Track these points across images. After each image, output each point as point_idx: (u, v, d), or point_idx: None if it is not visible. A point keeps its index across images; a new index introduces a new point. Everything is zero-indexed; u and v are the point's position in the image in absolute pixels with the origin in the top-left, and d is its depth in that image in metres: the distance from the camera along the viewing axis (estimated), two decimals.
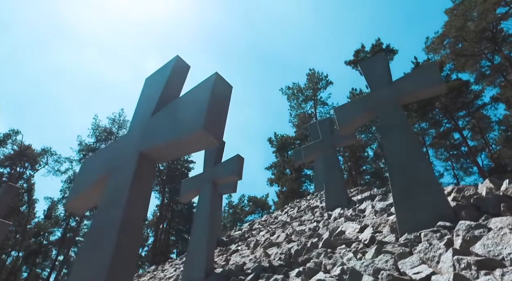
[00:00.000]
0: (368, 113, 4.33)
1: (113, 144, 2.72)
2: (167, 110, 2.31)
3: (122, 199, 2.04)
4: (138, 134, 2.45)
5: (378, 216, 4.20)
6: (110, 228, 1.94)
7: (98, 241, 1.95)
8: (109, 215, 2.03)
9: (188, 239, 39.19)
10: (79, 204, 2.67)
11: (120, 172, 2.28)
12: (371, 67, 4.66)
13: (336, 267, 3.03)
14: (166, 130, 2.16)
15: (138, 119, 2.65)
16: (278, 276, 3.36)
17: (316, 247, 4.00)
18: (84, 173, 2.76)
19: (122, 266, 1.84)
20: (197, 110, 2.01)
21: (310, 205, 7.41)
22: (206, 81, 2.14)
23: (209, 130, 1.94)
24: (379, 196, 5.34)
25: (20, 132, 30.44)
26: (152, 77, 3.00)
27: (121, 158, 2.40)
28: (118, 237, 1.86)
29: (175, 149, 2.17)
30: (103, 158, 2.66)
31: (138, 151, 2.29)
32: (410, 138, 3.74)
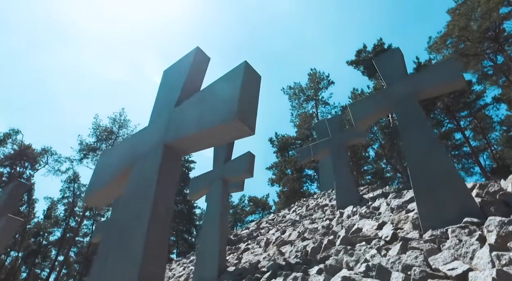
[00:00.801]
0: (385, 108, 4.26)
1: (133, 137, 2.64)
2: (193, 100, 2.24)
3: (149, 191, 1.96)
4: (161, 126, 2.38)
5: (395, 213, 4.12)
6: (139, 220, 1.87)
7: (126, 233, 1.88)
8: (137, 207, 1.95)
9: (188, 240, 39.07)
10: (100, 198, 2.59)
11: (144, 164, 2.20)
12: (386, 62, 4.60)
13: (360, 264, 2.96)
14: (194, 121, 2.09)
15: (160, 111, 2.57)
16: (297, 274, 3.29)
17: (333, 244, 3.92)
18: (104, 167, 2.68)
19: (154, 258, 1.76)
20: (228, 99, 1.93)
21: (319, 203, 7.33)
22: (235, 70, 2.07)
23: (243, 120, 1.86)
24: (393, 193, 5.28)
25: (20, 132, 30.32)
26: (172, 69, 2.93)
27: (144, 150, 2.32)
28: (149, 229, 1.79)
29: (203, 140, 2.10)
30: (124, 151, 2.58)
31: (162, 142, 2.22)
32: (429, 133, 3.67)
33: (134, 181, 2.17)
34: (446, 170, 3.29)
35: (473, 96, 25.42)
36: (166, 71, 3.02)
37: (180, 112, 2.31)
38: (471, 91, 24.87)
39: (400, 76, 4.31)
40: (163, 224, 1.92)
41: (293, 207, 8.57)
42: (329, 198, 7.50)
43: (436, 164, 3.39)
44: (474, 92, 25.28)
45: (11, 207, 4.35)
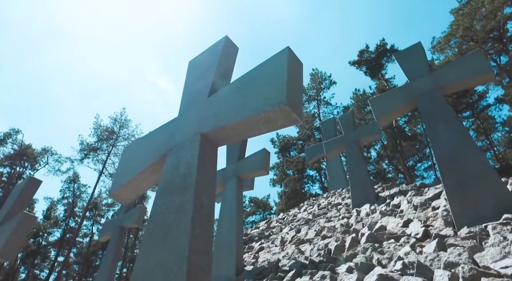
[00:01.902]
0: (408, 103, 4.17)
1: (163, 128, 2.53)
2: (231, 88, 2.13)
3: (190, 182, 1.86)
4: (194, 116, 2.27)
5: (419, 211, 4.03)
6: (181, 212, 1.76)
7: (168, 226, 1.77)
8: (177, 200, 1.84)
9: None
10: (127, 193, 2.47)
11: (180, 155, 2.09)
12: (407, 56, 4.50)
13: (394, 262, 2.86)
14: (234, 109, 1.98)
15: (191, 101, 2.46)
16: (325, 272, 3.18)
17: (358, 242, 3.82)
18: (130, 160, 2.57)
19: (201, 253, 1.65)
20: (275, 84, 1.83)
21: (331, 202, 7.23)
22: (279, 55, 1.96)
23: (292, 106, 1.76)
24: (412, 191, 5.18)
25: (20, 131, 30.15)
26: (199, 59, 2.83)
27: (178, 141, 2.22)
28: (193, 222, 1.68)
29: (243, 129, 1.99)
30: (153, 143, 2.47)
31: (199, 133, 2.11)
32: (459, 127, 3.57)
33: (170, 172, 2.06)
34: (480, 164, 3.19)
35: (475, 96, 25.40)
36: (192, 62, 2.92)
37: (215, 101, 2.20)
38: (473, 92, 24.84)
39: (423, 70, 4.22)
40: (207, 216, 1.81)
41: (303, 206, 8.46)
42: (341, 197, 7.40)
43: (468, 158, 3.29)
44: (477, 93, 25.25)
45: (24, 203, 4.23)
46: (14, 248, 3.43)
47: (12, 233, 3.45)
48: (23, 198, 4.23)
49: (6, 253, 3.35)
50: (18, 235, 3.50)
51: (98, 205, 36.44)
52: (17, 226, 3.52)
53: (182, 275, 1.52)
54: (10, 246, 3.38)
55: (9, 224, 3.64)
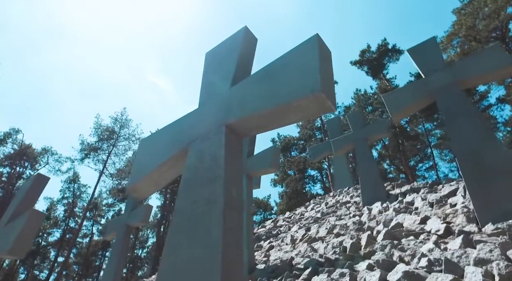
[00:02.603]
0: (425, 98, 4.10)
1: (183, 120, 2.45)
2: (257, 77, 2.05)
3: (218, 175, 1.78)
4: (217, 106, 2.19)
5: (436, 208, 3.95)
6: (210, 204, 1.68)
7: (197, 220, 1.69)
8: (205, 193, 1.76)
9: None
10: (145, 186, 2.39)
11: (205, 147, 2.01)
12: (421, 51, 4.43)
13: (418, 259, 2.78)
14: (262, 98, 1.90)
15: (212, 91, 2.38)
16: (343, 270, 3.11)
17: (374, 239, 3.75)
18: (148, 153, 2.49)
19: (234, 247, 1.57)
20: (307, 72, 1.75)
21: (339, 201, 7.15)
22: (309, 42, 1.88)
23: (326, 93, 1.68)
24: (424, 189, 5.11)
25: (20, 131, 29.99)
26: (218, 50, 2.75)
27: (201, 132, 2.14)
28: (224, 216, 1.60)
29: (271, 119, 1.91)
30: (173, 135, 2.39)
31: (223, 123, 2.03)
32: (480, 122, 3.50)
33: (194, 165, 1.98)
34: (503, 159, 3.12)
35: (477, 96, 25.36)
36: (209, 53, 2.84)
37: (240, 90, 2.12)
38: (475, 92, 24.79)
39: (439, 65, 4.15)
40: (237, 210, 1.73)
41: (309, 205, 8.38)
42: (349, 195, 7.32)
43: (490, 153, 3.21)
44: (478, 93, 25.21)
45: (33, 201, 4.15)
46: (25, 245, 3.35)
47: (22, 230, 3.36)
48: (31, 195, 4.14)
49: (17, 250, 3.26)
50: (28, 232, 3.41)
51: (98, 205, 36.30)
52: (26, 223, 3.43)
53: (216, 270, 1.44)
54: (20, 243, 3.30)
55: (18, 221, 3.55)
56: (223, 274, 1.43)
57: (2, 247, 3.39)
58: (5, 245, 3.35)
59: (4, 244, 3.39)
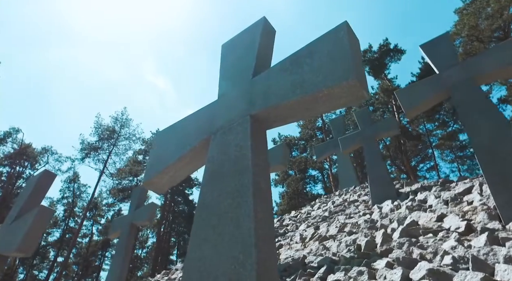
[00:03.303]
0: (439, 94, 4.02)
1: (202, 112, 2.37)
2: (282, 66, 1.98)
3: (245, 166, 1.70)
4: (239, 98, 2.12)
5: (452, 206, 3.88)
6: (239, 198, 1.60)
7: (224, 213, 1.61)
8: (231, 185, 1.68)
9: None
10: (163, 180, 2.31)
11: (229, 138, 1.93)
12: (435, 47, 4.36)
13: (440, 256, 2.71)
14: (289, 88, 1.83)
15: (232, 83, 2.31)
16: (361, 268, 3.04)
17: (390, 237, 3.67)
18: (165, 147, 2.41)
19: (267, 240, 1.50)
20: (340, 59, 1.68)
21: (346, 199, 7.08)
22: (338, 30, 1.81)
23: (360, 81, 1.61)
24: (436, 187, 5.04)
25: (20, 130, 29.85)
26: (236, 41, 2.67)
27: (223, 123, 2.06)
28: (255, 208, 1.52)
29: (299, 109, 1.83)
30: (189, 129, 2.31)
31: (248, 114, 1.95)
32: (498, 118, 3.43)
33: (218, 157, 1.90)
34: None
35: None
36: (227, 45, 2.76)
37: (264, 81, 2.05)
38: None
39: (453, 60, 4.08)
40: (267, 202, 1.66)
41: (315, 204, 8.31)
42: (356, 194, 7.25)
43: (510, 150, 3.14)
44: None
45: (40, 197, 4.06)
46: (33, 242, 3.26)
47: (31, 226, 3.28)
48: (38, 191, 4.06)
49: (25, 247, 3.18)
50: (37, 228, 3.33)
51: (98, 205, 36.18)
52: (35, 219, 3.35)
53: (250, 264, 1.37)
54: (28, 240, 3.22)
55: (26, 218, 3.47)
56: (259, 267, 1.35)
57: (10, 245, 3.31)
58: (13, 243, 3.27)
59: (12, 241, 3.31)
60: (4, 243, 3.45)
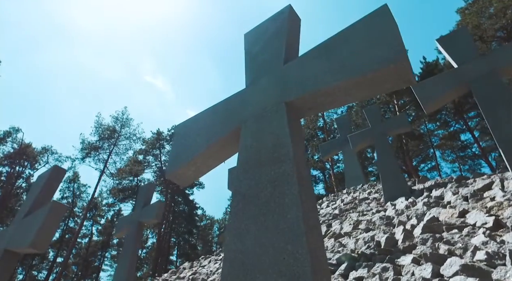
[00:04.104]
0: (459, 88, 3.95)
1: (226, 103, 2.29)
2: (318, 51, 1.89)
3: (285, 154, 1.62)
4: (271, 85, 2.03)
5: (473, 201, 3.80)
6: (281, 187, 1.52)
7: (266, 204, 1.52)
8: (270, 174, 1.60)
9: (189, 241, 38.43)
10: (188, 172, 2.23)
11: (262, 127, 1.85)
12: (453, 41, 4.29)
13: (471, 252, 2.63)
14: (327, 72, 1.75)
15: (260, 71, 2.22)
16: (386, 264, 2.96)
17: (411, 233, 3.59)
18: (190, 138, 2.32)
19: (315, 228, 1.42)
20: (386, 41, 1.60)
21: (356, 197, 7.00)
22: (381, 11, 1.73)
23: (408, 63, 1.53)
24: (451, 183, 4.96)
25: (20, 130, 29.68)
26: (261, 29, 2.59)
27: (253, 113, 1.97)
28: (300, 196, 1.44)
29: (338, 95, 1.75)
30: (216, 118, 2.22)
31: (282, 101, 1.87)
32: None
33: (252, 145, 1.82)
34: None
35: None
36: (250, 34, 2.68)
37: (298, 67, 1.97)
38: None
39: (473, 54, 4.01)
40: (310, 190, 1.58)
41: (323, 203, 8.23)
42: (366, 192, 7.18)
43: None
44: None
45: (51, 193, 3.97)
46: (47, 238, 3.17)
47: (44, 222, 3.19)
48: (48, 187, 3.97)
49: (39, 243, 3.09)
50: (50, 224, 3.24)
51: (98, 205, 36.02)
52: (48, 215, 3.26)
53: (302, 254, 1.28)
54: (42, 236, 3.12)
55: (39, 213, 3.38)
56: (311, 258, 1.27)
57: (23, 241, 3.21)
58: (26, 238, 3.18)
59: (25, 237, 3.22)
60: (16, 239, 3.35)
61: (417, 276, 2.53)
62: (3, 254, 3.35)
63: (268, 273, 1.32)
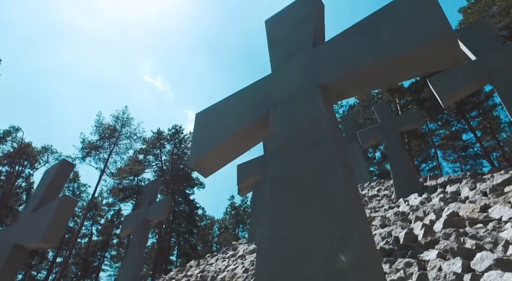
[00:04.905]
0: (480, 79, 3.86)
1: (251, 89, 2.20)
2: (354, 31, 1.80)
3: (323, 137, 1.52)
4: (301, 68, 1.94)
5: (493, 196, 3.72)
6: (325, 171, 1.42)
7: (307, 190, 1.42)
8: (311, 158, 1.50)
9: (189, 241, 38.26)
10: (212, 160, 2.13)
11: (295, 111, 1.75)
12: (473, 32, 4.20)
13: (503, 246, 2.54)
14: (366, 52, 1.65)
15: (288, 55, 2.12)
16: (409, 260, 2.87)
17: (431, 228, 3.50)
18: (213, 125, 2.22)
19: (362, 214, 1.33)
20: (432, 14, 1.50)
21: (365, 195, 6.91)
22: None
23: (455, 38, 1.44)
24: (466, 179, 4.87)
25: (20, 129, 29.52)
26: (284, 16, 2.49)
27: (284, 96, 1.88)
28: (345, 180, 1.35)
29: (378, 76, 1.66)
30: (242, 104, 2.12)
31: (316, 84, 1.78)
32: None
33: (284, 130, 1.72)
34: None
35: (481, 96, 25.27)
36: (272, 21, 2.57)
37: (330, 49, 1.88)
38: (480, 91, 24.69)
39: (494, 45, 3.93)
40: (352, 173, 1.49)
41: None
42: (375, 189, 7.09)
43: None
44: (483, 93, 25.12)
45: (60, 187, 3.86)
46: (58, 232, 3.07)
47: (54, 216, 3.09)
48: (57, 182, 3.87)
49: (50, 236, 2.98)
50: (61, 218, 3.14)
51: (98, 205, 35.86)
52: (58, 209, 3.15)
53: (353, 241, 1.19)
54: (53, 229, 3.02)
55: (49, 207, 3.27)
56: (363, 245, 1.17)
57: (33, 235, 3.11)
58: (37, 232, 3.07)
59: (35, 231, 3.12)
60: (26, 233, 3.25)
61: (447, 271, 2.44)
62: (12, 249, 3.25)
63: (316, 262, 1.22)
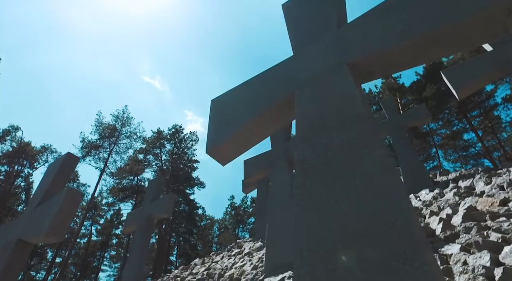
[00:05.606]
0: (497, 70, 3.76)
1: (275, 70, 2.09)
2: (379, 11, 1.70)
3: (356, 114, 1.42)
4: (327, 47, 1.84)
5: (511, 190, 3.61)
6: (361, 150, 1.31)
7: (342, 172, 1.31)
8: (343, 137, 1.39)
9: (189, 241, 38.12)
10: (231, 147, 2.01)
11: (322, 91, 1.64)
12: None
13: None
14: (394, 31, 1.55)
15: (311, 36, 2.02)
16: None
17: (449, 222, 3.39)
18: (231, 110, 2.10)
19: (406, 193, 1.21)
20: None
21: None
22: None
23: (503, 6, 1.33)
24: (480, 174, 4.77)
25: (20, 128, 29.34)
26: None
27: (309, 76, 1.77)
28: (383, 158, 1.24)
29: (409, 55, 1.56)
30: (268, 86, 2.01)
31: (344, 62, 1.67)
32: None
33: (312, 111, 1.61)
34: None
35: (483, 96, 25.23)
36: (290, 4, 2.47)
37: (357, 28, 1.77)
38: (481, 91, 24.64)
39: (509, 36, 3.82)
40: (389, 155, 1.38)
41: None
42: None
43: None
44: (485, 92, 25.07)
45: (64, 181, 3.75)
46: (64, 225, 2.95)
47: (61, 209, 2.97)
48: (62, 175, 3.76)
49: (56, 230, 2.87)
50: (67, 211, 3.02)
51: (97, 205, 35.68)
52: (64, 201, 3.04)
53: (402, 222, 1.08)
54: (59, 223, 2.90)
55: (54, 200, 3.16)
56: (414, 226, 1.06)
57: (38, 229, 2.99)
58: (42, 226, 2.96)
59: (40, 225, 3.00)
60: (30, 228, 3.13)
61: (474, 265, 2.33)
62: (16, 244, 3.13)
63: (363, 246, 1.11)
